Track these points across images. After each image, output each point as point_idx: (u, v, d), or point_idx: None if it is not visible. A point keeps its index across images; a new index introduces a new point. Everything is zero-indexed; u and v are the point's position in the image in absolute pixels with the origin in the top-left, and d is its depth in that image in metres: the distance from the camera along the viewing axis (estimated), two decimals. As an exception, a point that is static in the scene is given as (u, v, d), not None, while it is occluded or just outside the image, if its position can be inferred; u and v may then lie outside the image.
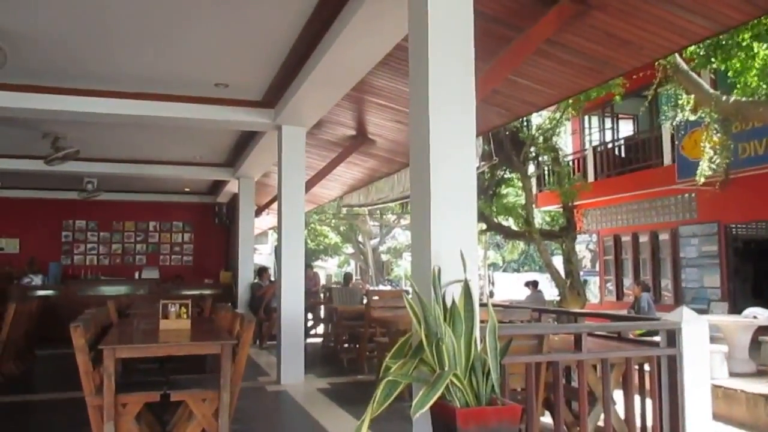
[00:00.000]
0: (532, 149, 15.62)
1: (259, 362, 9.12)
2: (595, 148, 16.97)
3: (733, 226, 13.30)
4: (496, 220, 16.55)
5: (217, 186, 13.72)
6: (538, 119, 15.53)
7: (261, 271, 12.21)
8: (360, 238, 33.99)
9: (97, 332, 4.69)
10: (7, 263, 12.89)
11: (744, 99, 8.70)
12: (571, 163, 17.15)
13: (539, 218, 19.46)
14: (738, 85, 8.52)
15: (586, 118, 17.65)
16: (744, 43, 8.23)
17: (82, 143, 9.14)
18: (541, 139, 15.26)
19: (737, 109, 9.00)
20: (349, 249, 36.31)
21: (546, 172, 17.59)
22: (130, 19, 5.28)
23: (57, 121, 8.02)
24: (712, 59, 8.66)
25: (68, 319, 4.01)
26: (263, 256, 28.14)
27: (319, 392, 7.01)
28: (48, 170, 9.87)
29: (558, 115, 14.70)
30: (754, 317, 8.77)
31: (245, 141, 9.87)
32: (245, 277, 12.09)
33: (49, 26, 5.43)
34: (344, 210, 24.05)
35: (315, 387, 7.27)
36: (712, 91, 9.58)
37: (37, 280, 12.15)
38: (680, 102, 10.53)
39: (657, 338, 4.32)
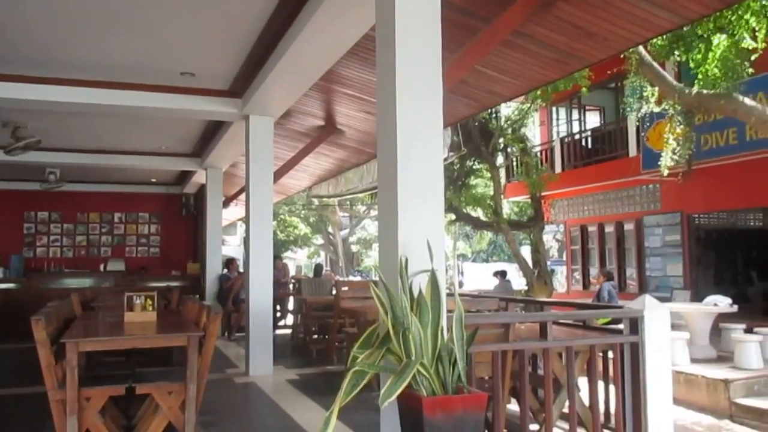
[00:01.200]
0: (501, 140, 15.74)
1: (227, 354, 9.06)
2: (562, 139, 17.16)
3: (696, 216, 13.61)
4: (465, 210, 16.65)
5: (184, 176, 13.54)
6: (506, 110, 15.65)
7: (229, 262, 12.11)
8: (330, 229, 33.92)
9: (59, 325, 4.61)
10: (-34, 256, 12.56)
11: (706, 91, 8.87)
12: (539, 154, 17.33)
13: (507, 209, 19.66)
14: (699, 76, 8.68)
15: (554, 109, 17.83)
16: (705, 35, 8.38)
17: (43, 132, 8.92)
18: (509, 130, 15.39)
19: (699, 101, 9.19)
20: (318, 240, 36.21)
21: (514, 163, 17.74)
22: (94, 4, 5.15)
23: (17, 110, 7.80)
24: (675, 51, 8.81)
25: (31, 313, 3.93)
26: (232, 247, 27.92)
27: (288, 383, 6.99)
28: (8, 160, 9.60)
29: (526, 106, 14.83)
30: (715, 305, 9.00)
31: (212, 131, 9.75)
32: (213, 269, 11.98)
33: (10, 11, 5.28)
34: (314, 201, 23.96)
35: (284, 378, 7.25)
36: (675, 83, 9.75)
37: (-2, 273, 11.88)
38: (645, 94, 10.69)
39: (620, 326, 4.40)
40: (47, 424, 4.10)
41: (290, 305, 12.33)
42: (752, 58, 8.30)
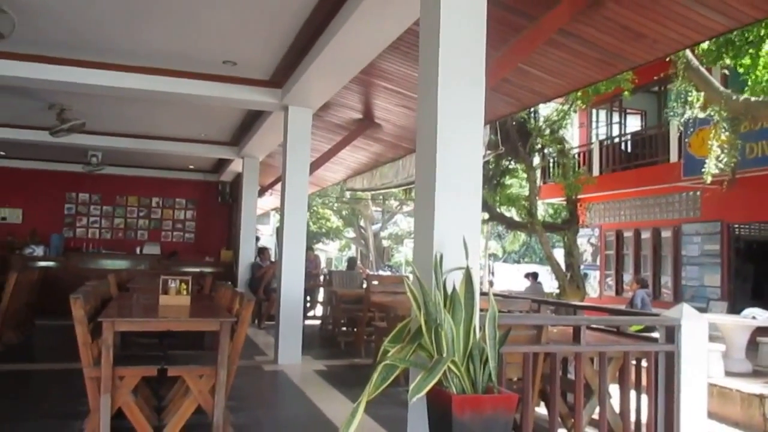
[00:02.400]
0: (539, 140, 15.56)
1: (257, 342, 9.16)
2: (601, 142, 16.89)
3: (736, 225, 13.26)
4: (498, 210, 16.52)
5: (221, 164, 13.71)
6: (545, 110, 15.46)
7: (261, 251, 12.23)
8: (362, 223, 33.99)
9: (96, 305, 4.70)
10: (9, 233, 12.91)
11: (754, 99, 8.63)
12: (576, 156, 17.09)
13: (542, 210, 19.43)
14: (749, 83, 8.45)
15: (594, 111, 17.55)
16: (755, 40, 8.16)
17: (87, 116, 9.11)
18: (547, 130, 15.20)
19: (747, 109, 8.94)
20: (350, 233, 36.31)
21: (551, 164, 17.53)
22: (140, -9, 5.24)
23: (63, 93, 7.99)
24: (723, 56, 8.59)
25: (69, 291, 4.01)
26: (265, 236, 28.17)
27: (316, 374, 7.04)
28: (53, 142, 9.85)
29: (566, 107, 14.62)
30: (753, 318, 8.77)
31: (251, 120, 9.84)
32: (246, 257, 12.11)
33: (59, -4, 5.39)
34: (347, 194, 24.04)
35: (312, 368, 7.29)
36: (722, 89, 9.51)
37: (39, 251, 12.18)
38: (690, 99, 10.45)
39: (654, 335, 4.31)
40: (82, 401, 4.20)
41: (320, 296, 12.40)
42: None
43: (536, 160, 16.90)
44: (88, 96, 8.03)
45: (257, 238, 13.30)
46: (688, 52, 8.84)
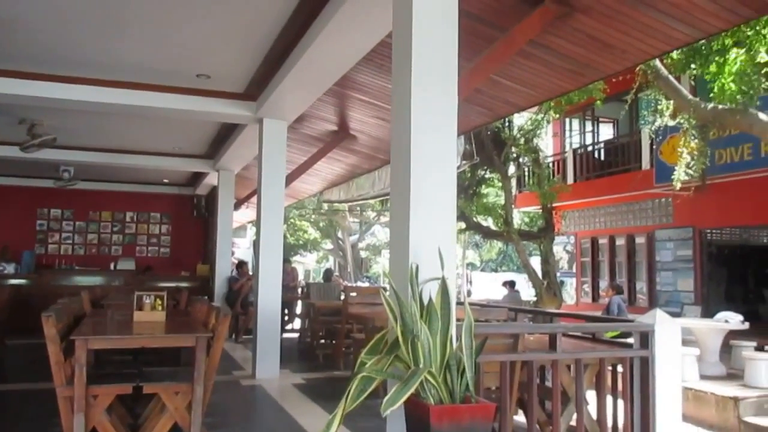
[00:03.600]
0: (513, 150, 15.69)
1: (234, 356, 9.07)
2: (575, 151, 17.11)
3: (708, 231, 13.51)
4: (475, 219, 16.60)
5: (196, 178, 13.60)
6: (519, 120, 15.61)
7: (240, 265, 12.14)
8: (339, 234, 33.93)
9: (69, 322, 4.63)
10: (-21, 251, 12.64)
11: (722, 106, 8.82)
12: (551, 165, 17.28)
13: (518, 219, 19.59)
14: (715, 90, 8.63)
15: (567, 120, 17.79)
16: (721, 49, 8.34)
17: (59, 130, 9.00)
18: (522, 140, 15.34)
19: (715, 116, 9.12)
20: (328, 245, 36.22)
21: (526, 173, 17.70)
22: (112, 5, 5.20)
23: (34, 107, 7.88)
24: (691, 65, 8.76)
25: (41, 309, 3.95)
26: (241, 249, 27.97)
27: (294, 387, 6.99)
28: (24, 157, 9.69)
29: (540, 116, 14.79)
30: (726, 321, 8.91)
31: (226, 133, 9.79)
32: (222, 271, 12.01)
33: (29, 10, 5.33)
34: (325, 206, 23.99)
35: (290, 382, 7.24)
36: (691, 97, 9.69)
37: (10, 268, 11.95)
38: (660, 107, 10.64)
39: (630, 340, 4.36)
40: (54, 421, 4.12)
41: (298, 309, 12.33)
42: (763, 74, 8.25)
43: (511, 169, 17.04)
44: (59, 110, 7.94)
45: (232, 252, 13.22)
46: (657, 61, 9.00)
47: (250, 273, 11.72)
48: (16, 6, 5.24)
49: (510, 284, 14.52)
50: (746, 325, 8.85)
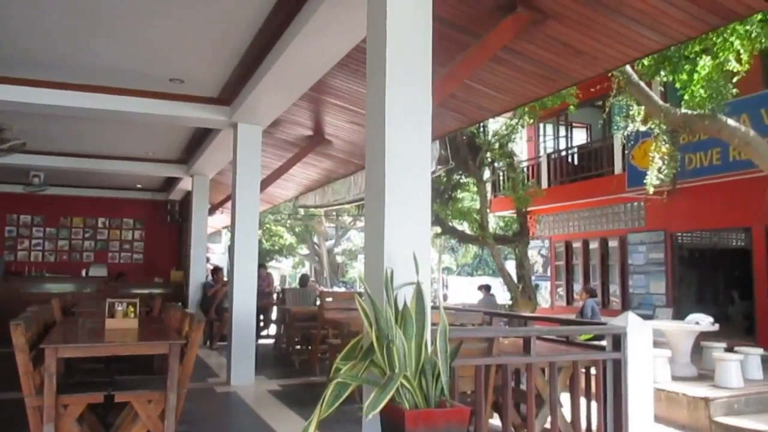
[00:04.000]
0: (488, 154, 15.82)
1: (209, 363, 8.98)
2: (549, 155, 17.29)
3: (679, 234, 13.74)
4: (450, 223, 16.69)
5: (170, 183, 13.47)
6: (494, 125, 15.75)
7: (215, 271, 12.03)
8: (315, 240, 33.82)
9: (39, 331, 4.54)
10: (-55, 258, 12.37)
11: (691, 112, 8.99)
12: (525, 170, 17.43)
13: (493, 223, 19.73)
14: (685, 97, 8.79)
15: (542, 125, 17.98)
16: (691, 56, 8.51)
17: (28, 135, 8.84)
18: (497, 144, 15.47)
19: (685, 121, 9.30)
20: (304, 250, 36.07)
21: (501, 178, 17.83)
22: (83, 7, 5.13)
23: (3, 112, 7.73)
24: (661, 71, 8.92)
25: (9, 317, 3.88)
26: (216, 255, 27.74)
27: (270, 394, 6.94)
28: (-8, 162, 9.52)
29: (514, 121, 14.93)
30: (697, 323, 9.05)
31: (200, 138, 9.72)
32: (197, 277, 11.89)
33: (-4, 13, 5.24)
34: (300, 211, 23.91)
35: (265, 388, 7.19)
36: (661, 103, 9.87)
37: (-22, 275, 11.71)
38: (631, 113, 10.80)
39: (603, 343, 4.41)
40: None
41: (273, 315, 12.26)
42: (735, 79, 8.44)
43: (486, 173, 17.17)
44: (29, 115, 7.80)
45: (207, 258, 13.10)
46: (628, 67, 9.15)
47: (225, 279, 11.64)
48: (-17, 8, 5.15)
49: (485, 288, 14.60)
50: (716, 327, 9.01)
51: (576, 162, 16.70)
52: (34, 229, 13.67)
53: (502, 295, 17.84)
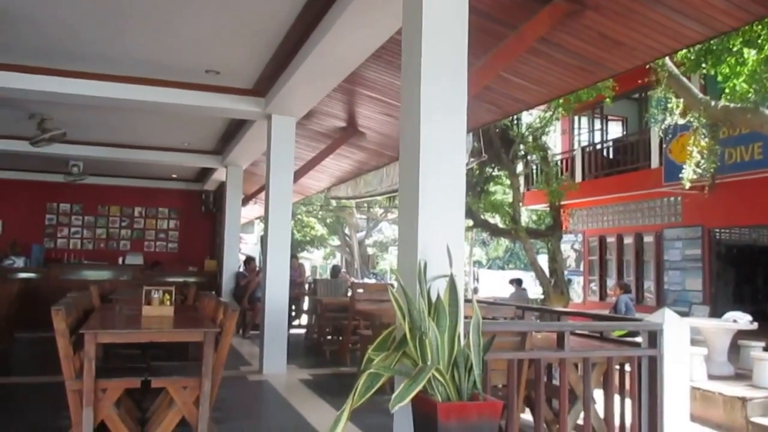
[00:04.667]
0: (522, 147, 15.67)
1: (241, 352, 9.10)
2: (583, 149, 17.04)
3: (717, 230, 13.43)
4: (482, 216, 16.59)
5: (204, 173, 13.65)
6: (528, 118, 15.59)
7: (248, 261, 12.17)
8: (346, 231, 33.94)
9: (78, 316, 4.65)
10: (-12, 244, 12.74)
11: (732, 105, 8.76)
12: (559, 163, 17.22)
13: (526, 216, 19.56)
14: (726, 90, 8.57)
15: (576, 118, 17.72)
16: (735, 49, 8.28)
17: (68, 125, 9.04)
18: (530, 137, 15.32)
19: (725, 115, 9.07)
20: (335, 241, 36.24)
21: (534, 171, 17.66)
22: (123, 1, 5.21)
23: (44, 102, 7.92)
24: (703, 64, 8.71)
25: (49, 303, 3.97)
26: (249, 245, 28.05)
27: (301, 383, 7.01)
28: (33, 152, 9.75)
29: (548, 114, 14.75)
30: (734, 321, 8.87)
31: (234, 129, 9.81)
32: (230, 266, 12.04)
33: (40, 6, 5.35)
34: (332, 202, 24.01)
35: (297, 378, 7.26)
36: (701, 95, 9.64)
37: (19, 262, 12.03)
38: (669, 106, 10.58)
39: (637, 339, 4.35)
40: (63, 414, 4.15)
41: (305, 305, 12.36)
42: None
43: (519, 167, 17.02)
44: (69, 105, 7.96)
45: (239, 248, 13.26)
46: (667, 59, 8.95)
47: (258, 269, 11.78)
48: (27, 1, 5.26)
49: (517, 282, 14.50)
50: (755, 326, 8.81)
51: (611, 156, 16.44)
52: (73, 217, 13.98)
53: (534, 290, 17.72)
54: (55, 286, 10.35)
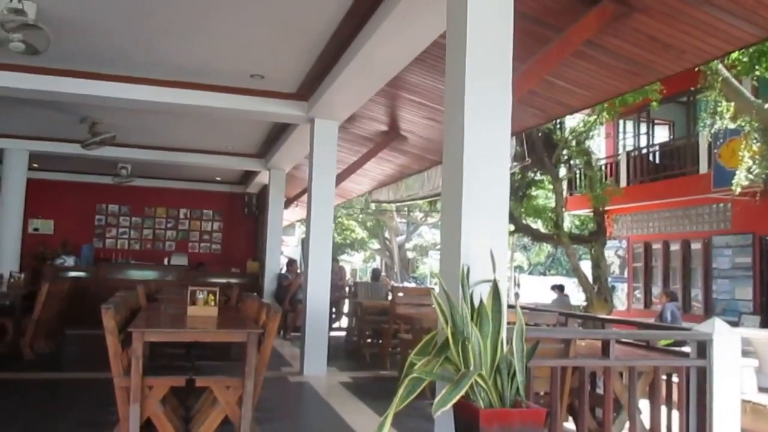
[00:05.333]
0: (565, 152, 15.46)
1: (282, 353, 9.19)
2: (628, 153, 16.72)
3: (769, 238, 13.01)
4: (524, 221, 16.42)
5: (247, 176, 13.85)
6: (572, 122, 15.36)
7: (290, 263, 12.30)
8: (386, 234, 34.01)
9: (126, 315, 4.76)
10: (41, 244, 13.18)
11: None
12: (603, 168, 16.93)
13: (568, 222, 19.26)
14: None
15: (621, 122, 17.39)
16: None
17: (117, 129, 9.29)
18: (574, 142, 15.10)
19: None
20: (375, 245, 36.35)
21: (577, 176, 17.39)
22: (170, 6, 5.34)
23: (95, 106, 8.16)
24: (756, 66, 8.46)
25: (98, 301, 4.08)
26: (290, 247, 28.34)
27: (341, 385, 7.03)
28: (84, 154, 10.06)
29: (593, 118, 14.52)
30: (787, 332, 8.57)
31: (277, 132, 9.94)
32: (272, 268, 12.19)
33: (90, 11, 5.52)
34: (372, 205, 24.08)
35: (337, 380, 7.29)
36: (753, 99, 9.36)
37: (70, 261, 12.40)
38: (719, 109, 10.31)
39: (685, 349, 4.23)
40: (111, 410, 4.25)
41: (345, 308, 12.42)
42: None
43: (562, 171, 16.78)
44: (117, 109, 8.19)
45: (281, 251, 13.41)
46: (717, 62, 8.72)
47: (299, 271, 11.89)
48: (77, 7, 5.43)
49: (559, 288, 14.29)
50: (809, 337, 8.50)
51: (657, 160, 16.07)
52: (121, 218, 14.38)
53: (577, 296, 17.41)
54: (104, 285, 10.67)
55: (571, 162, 16.92)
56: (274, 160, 11.20)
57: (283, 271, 12.19)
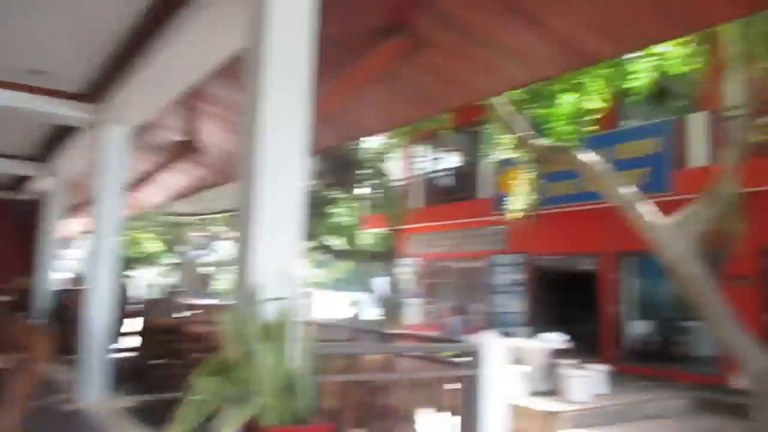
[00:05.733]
0: (363, 172, 16.05)
1: (57, 378, 8.31)
2: (422, 176, 17.81)
3: (537, 257, 14.62)
4: (323, 239, 16.72)
5: (21, 181, 12.42)
6: (371, 144, 16.03)
7: (69, 281, 11.21)
8: (183, 249, 32.54)
9: None
10: None
11: (548, 144, 9.63)
12: (399, 189, 17.83)
13: (366, 240, 19.98)
14: (549, 130, 9.41)
15: (416, 147, 18.50)
16: (553, 93, 9.14)
17: None
18: (371, 163, 15.74)
19: (542, 153, 9.95)
20: (171, 259, 34.57)
21: (375, 196, 18.12)
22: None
23: None
24: (528, 105, 9.50)
25: None
26: (72, 261, 25.90)
27: (123, 411, 6.54)
28: None
29: (391, 141, 15.28)
30: (550, 341, 9.66)
31: (60, 135, 9.07)
32: (47, 284, 11.03)
33: None
34: (169, 218, 22.94)
35: (119, 406, 6.77)
36: (526, 133, 10.50)
37: None
38: (500, 140, 11.41)
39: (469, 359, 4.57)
40: None
41: (133, 327, 11.60)
42: (593, 117, 9.15)
43: (361, 191, 17.40)
44: None
45: (60, 265, 12.21)
46: (499, 97, 9.65)
47: (81, 287, 10.89)
48: None
49: (355, 304, 14.73)
50: (569, 345, 9.66)
51: (447, 184, 17.32)
52: None
53: (372, 311, 18.06)
54: None
55: (370, 182, 17.62)
56: (55, 164, 10.19)
57: (60, 287, 11.08)
